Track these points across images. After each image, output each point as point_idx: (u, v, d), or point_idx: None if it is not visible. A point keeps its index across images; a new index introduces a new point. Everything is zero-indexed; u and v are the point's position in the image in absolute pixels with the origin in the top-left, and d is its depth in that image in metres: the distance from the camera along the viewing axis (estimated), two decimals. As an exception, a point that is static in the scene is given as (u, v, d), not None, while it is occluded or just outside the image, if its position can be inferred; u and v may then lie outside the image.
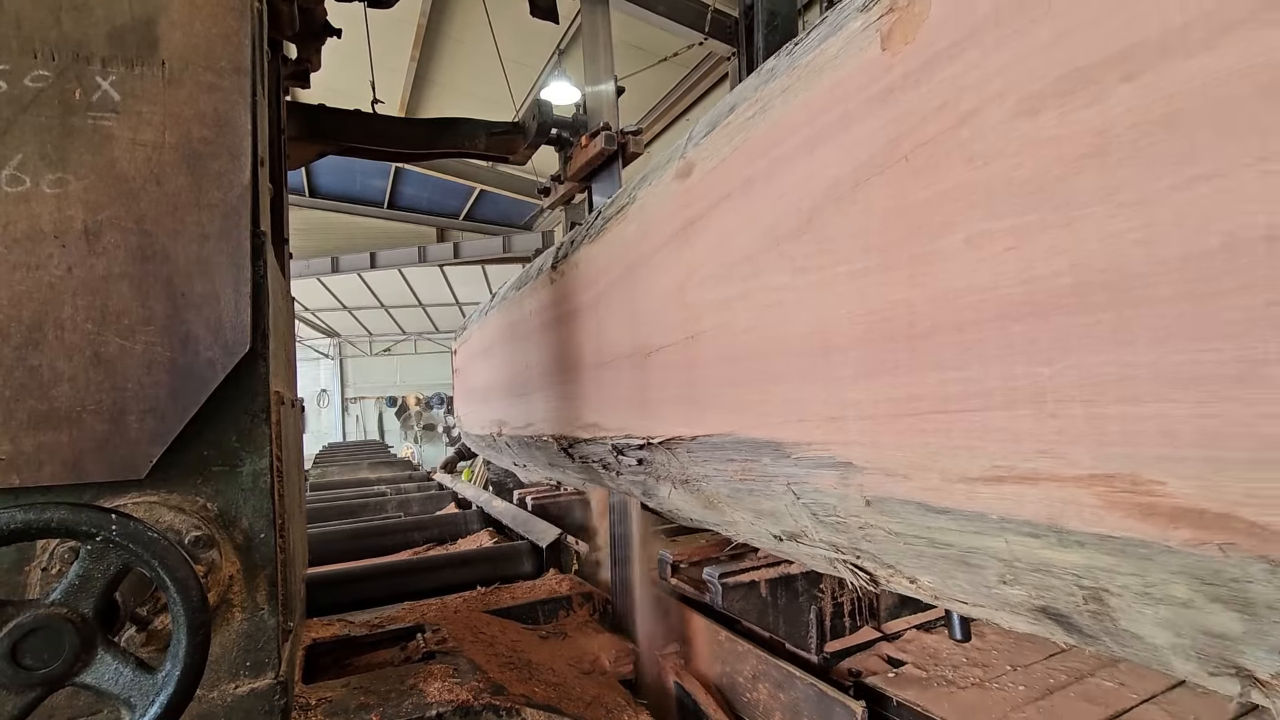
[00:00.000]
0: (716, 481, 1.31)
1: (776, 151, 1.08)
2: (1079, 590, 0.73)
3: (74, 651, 0.82)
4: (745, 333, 1.18)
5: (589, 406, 1.90)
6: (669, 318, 1.43)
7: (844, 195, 0.94)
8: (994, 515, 0.76)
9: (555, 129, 2.95)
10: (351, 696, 1.51)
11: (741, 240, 1.18)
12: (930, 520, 0.86)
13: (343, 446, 10.83)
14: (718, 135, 1.26)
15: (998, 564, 0.80)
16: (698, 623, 2.06)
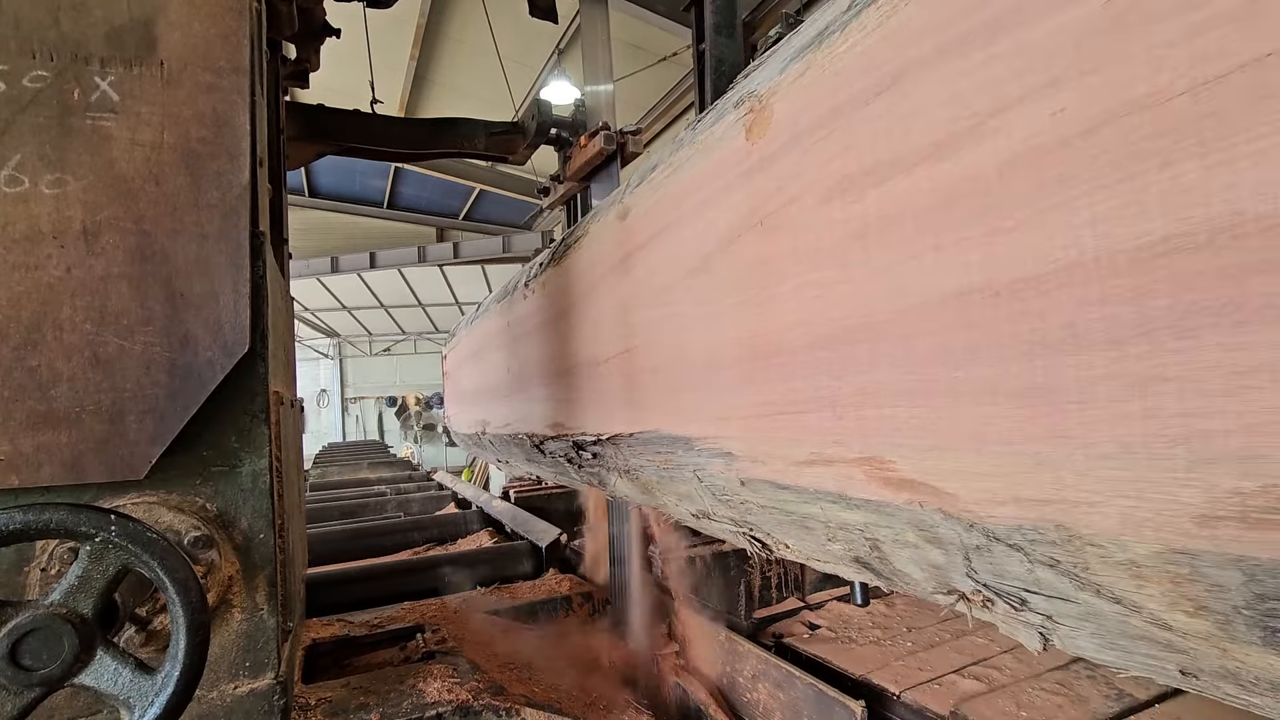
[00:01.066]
0: (649, 470, 1.58)
1: (685, 206, 1.36)
2: (865, 541, 1.01)
3: (73, 652, 0.82)
4: (666, 349, 1.46)
5: (555, 408, 2.20)
6: (614, 333, 1.71)
7: (726, 246, 1.22)
8: (811, 489, 1.05)
9: (554, 129, 2.95)
10: (351, 696, 1.51)
11: (664, 273, 1.45)
12: (779, 495, 1.13)
13: (342, 446, 10.83)
14: (645, 187, 1.55)
15: (821, 526, 1.08)
16: (697, 622, 2.06)
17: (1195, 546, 0.60)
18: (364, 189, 14.08)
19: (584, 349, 1.94)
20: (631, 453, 1.63)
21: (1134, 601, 0.69)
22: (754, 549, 1.36)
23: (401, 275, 14.08)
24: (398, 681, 1.59)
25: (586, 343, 1.91)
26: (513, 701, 1.54)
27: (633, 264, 1.60)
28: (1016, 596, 0.83)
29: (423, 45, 9.33)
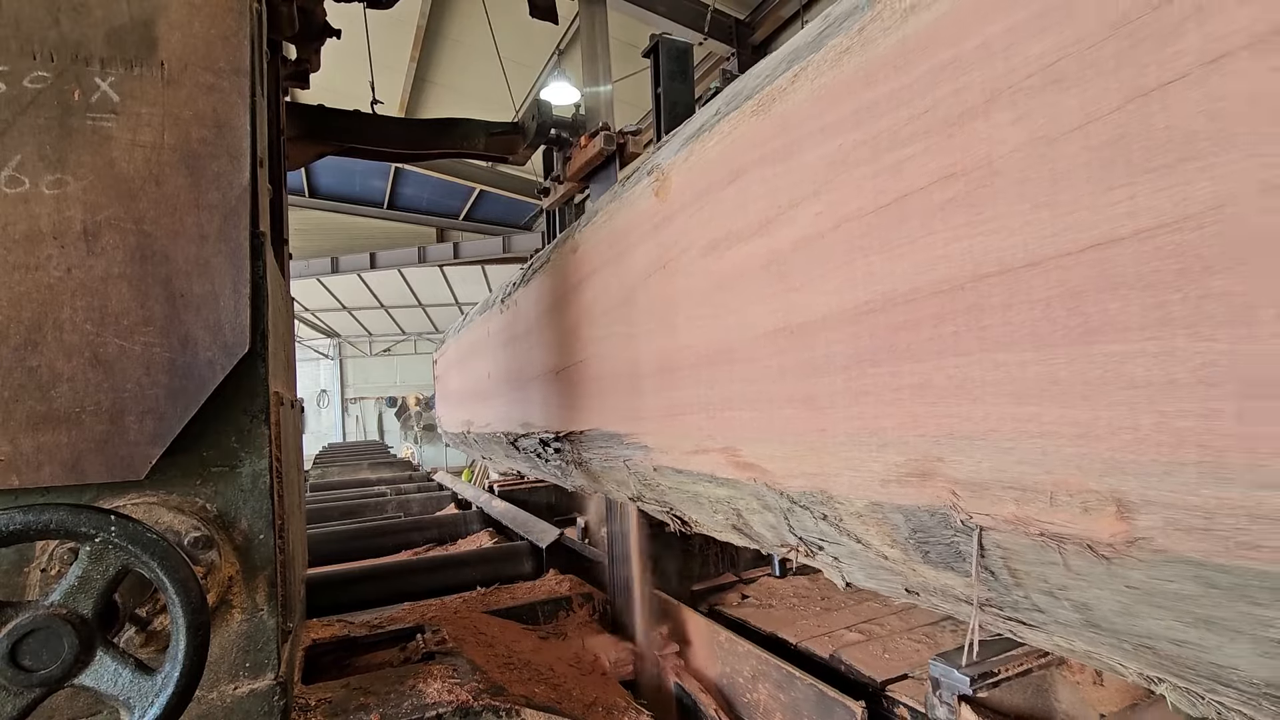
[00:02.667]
0: (594, 462, 1.90)
1: (619, 247, 1.66)
2: (732, 510, 1.32)
3: (73, 653, 0.82)
4: (605, 363, 1.77)
5: (525, 410, 2.51)
6: (570, 346, 2.03)
7: (643, 283, 1.55)
8: (696, 471, 1.38)
9: (554, 129, 2.95)
10: (351, 697, 1.51)
11: (603, 301, 1.78)
12: (678, 477, 1.46)
13: (343, 447, 10.83)
14: (589, 228, 1.90)
15: (706, 501, 1.40)
16: (697, 623, 2.06)
17: (881, 499, 0.91)
18: (364, 189, 14.07)
19: (546, 359, 2.26)
20: (582, 447, 1.98)
21: (865, 540, 0.99)
22: (675, 525, 1.67)
23: (401, 275, 14.08)
24: (398, 682, 1.59)
25: (548, 354, 2.25)
26: (512, 702, 1.54)
27: (582, 290, 1.92)
28: (817, 544, 1.15)
29: (423, 46, 9.33)
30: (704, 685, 1.97)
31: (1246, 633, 0.59)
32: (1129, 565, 0.64)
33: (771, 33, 9.54)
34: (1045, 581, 0.75)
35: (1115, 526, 0.64)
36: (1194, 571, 0.60)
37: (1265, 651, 0.58)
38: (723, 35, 8.21)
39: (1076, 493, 0.67)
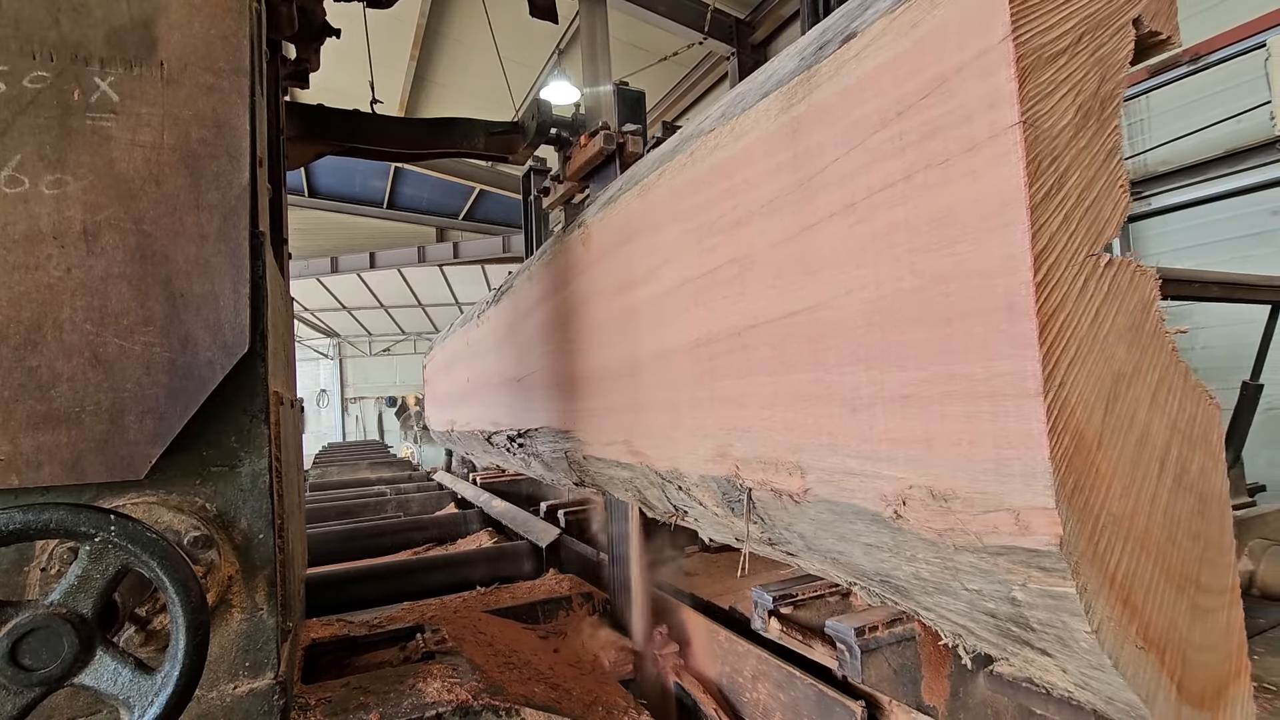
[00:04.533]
0: (546, 453, 2.29)
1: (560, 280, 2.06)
2: (635, 488, 1.67)
3: (73, 652, 0.82)
4: (551, 373, 2.17)
5: (497, 411, 2.99)
6: (526, 359, 2.48)
7: (575, 312, 1.94)
8: (609, 459, 1.71)
9: (554, 129, 2.95)
10: (351, 696, 1.51)
11: (550, 323, 2.18)
12: (600, 464, 1.80)
13: (342, 446, 10.83)
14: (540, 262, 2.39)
15: (620, 482, 1.74)
16: (698, 622, 2.06)
17: (705, 473, 1.27)
18: (364, 189, 14.07)
19: (510, 369, 2.72)
20: (537, 442, 2.38)
21: (704, 502, 1.33)
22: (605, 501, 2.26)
23: (401, 275, 14.07)
24: (397, 681, 1.59)
25: (511, 365, 2.69)
26: (512, 702, 1.54)
27: (535, 313, 2.37)
28: (684, 509, 1.50)
29: (423, 45, 9.33)
30: (704, 685, 1.97)
31: (856, 542, 0.97)
32: (806, 506, 1.03)
33: (771, 32, 9.53)
34: (781, 521, 1.12)
35: (800, 483, 1.02)
36: (828, 507, 0.98)
37: (866, 553, 0.97)
38: (723, 35, 8.21)
39: (784, 463, 1.05)
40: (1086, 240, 0.69)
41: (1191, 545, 0.75)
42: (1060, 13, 0.71)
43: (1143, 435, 0.72)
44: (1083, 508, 0.66)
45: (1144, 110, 5.65)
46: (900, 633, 1.31)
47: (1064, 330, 0.66)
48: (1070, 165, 0.69)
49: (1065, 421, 0.66)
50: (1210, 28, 4.91)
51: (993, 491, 0.70)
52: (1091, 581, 0.66)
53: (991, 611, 0.79)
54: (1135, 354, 0.72)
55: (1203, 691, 0.74)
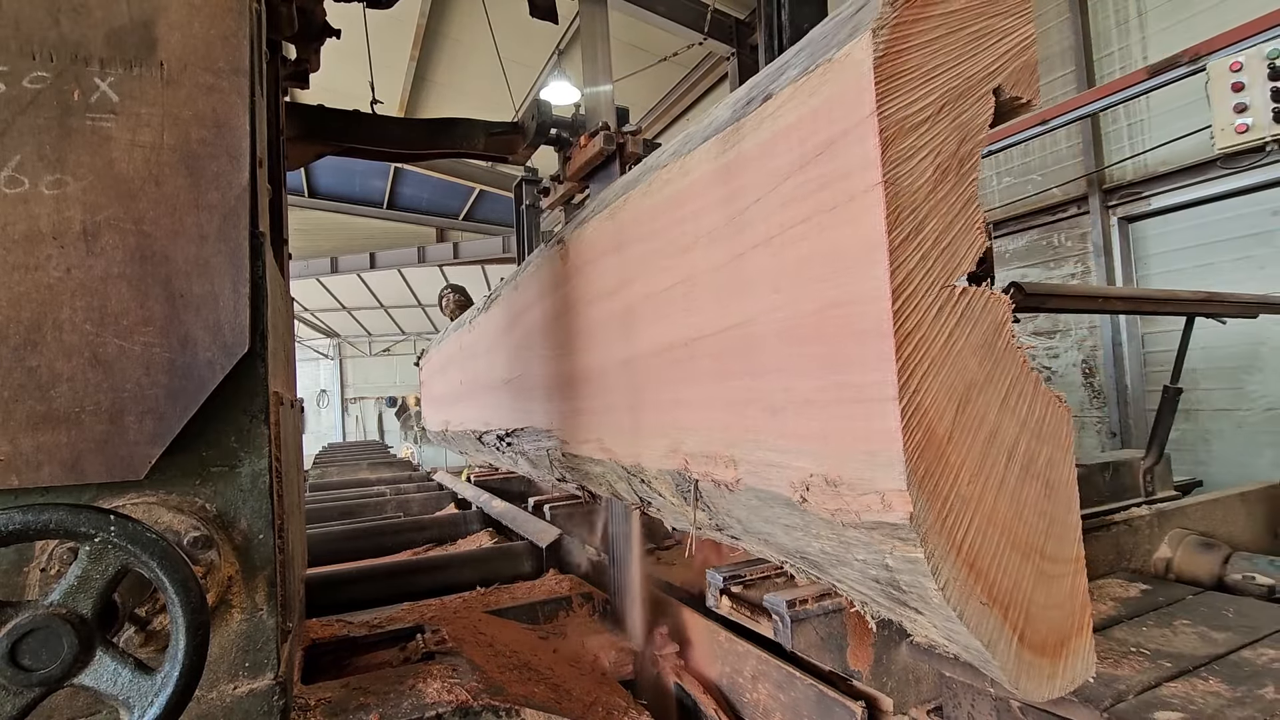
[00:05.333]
0: (531, 451, 2.45)
1: (542, 290, 2.23)
2: (607, 482, 1.82)
3: (73, 652, 0.82)
4: (536, 376, 2.33)
5: (486, 412, 3.18)
6: (513, 363, 2.64)
7: (556, 319, 2.07)
8: (585, 455, 1.85)
9: (554, 129, 2.95)
10: (351, 697, 1.51)
11: (535, 330, 2.34)
12: (577, 461, 1.94)
13: (342, 447, 10.82)
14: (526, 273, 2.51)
15: (596, 476, 1.87)
16: (698, 623, 2.06)
17: (662, 467, 1.39)
18: (364, 189, 14.07)
19: (499, 372, 2.89)
20: (523, 441, 2.53)
21: (662, 493, 1.46)
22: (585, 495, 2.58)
23: (401, 275, 14.07)
24: (397, 682, 1.59)
25: (500, 368, 2.86)
26: (512, 702, 1.54)
27: (521, 320, 2.54)
28: (648, 501, 1.62)
29: (423, 45, 9.33)
30: (704, 685, 1.97)
31: (778, 524, 1.10)
32: (739, 494, 1.14)
33: (771, 32, 9.51)
34: (722, 508, 1.25)
35: (733, 474, 1.15)
36: (755, 494, 1.10)
37: (786, 533, 1.10)
38: (723, 35, 8.20)
39: (721, 457, 1.18)
40: (943, 274, 0.83)
41: (1038, 522, 0.89)
42: (923, 88, 0.84)
43: (992, 432, 0.86)
44: (932, 490, 0.81)
45: (1144, 110, 5.65)
46: (828, 605, 1.50)
47: (919, 347, 0.81)
48: (928, 214, 0.83)
49: (919, 421, 0.80)
50: (1211, 28, 4.91)
51: (867, 477, 0.85)
52: (939, 549, 0.81)
53: (876, 578, 0.93)
54: (987, 366, 0.86)
55: (1045, 642, 0.88)
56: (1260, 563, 1.98)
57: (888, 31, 0.82)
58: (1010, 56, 0.90)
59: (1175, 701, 1.21)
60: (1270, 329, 4.99)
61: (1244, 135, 4.08)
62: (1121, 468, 3.12)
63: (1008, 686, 0.87)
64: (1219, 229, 5.34)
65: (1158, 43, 5.57)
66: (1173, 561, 2.10)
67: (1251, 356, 5.19)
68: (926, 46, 0.85)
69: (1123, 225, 5.90)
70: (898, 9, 0.82)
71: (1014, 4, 0.91)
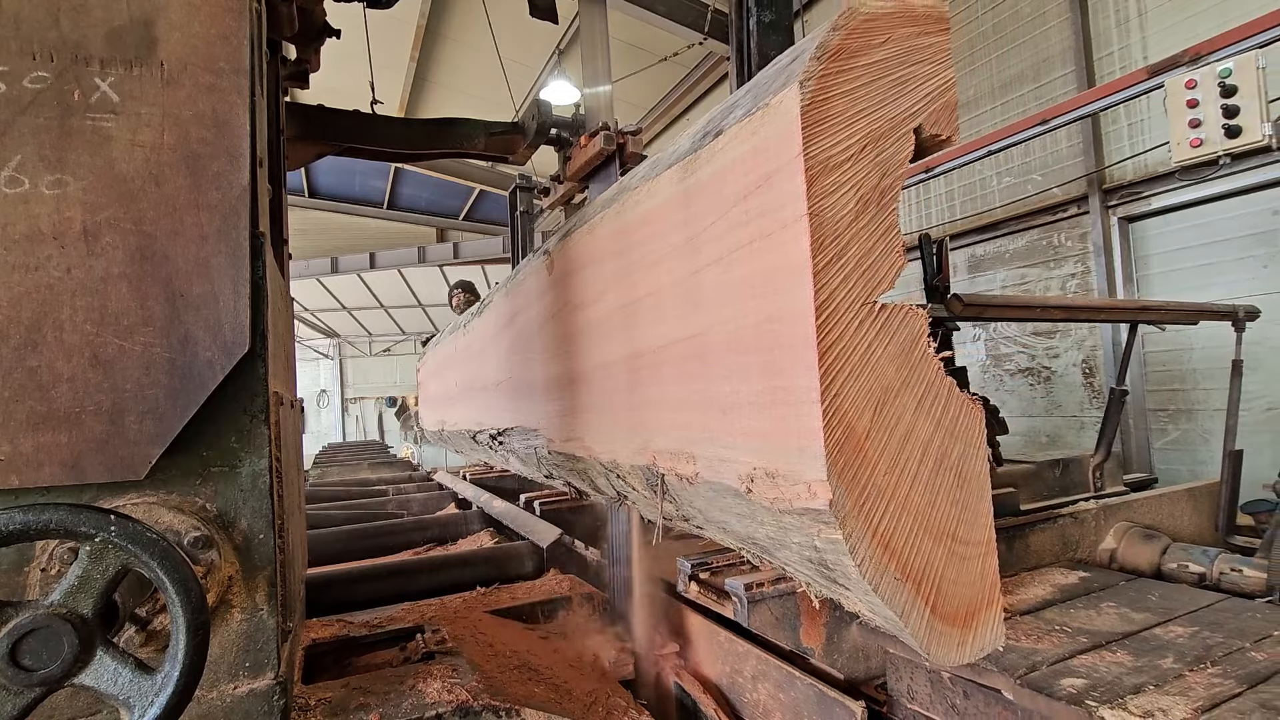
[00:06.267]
0: (520, 450, 2.63)
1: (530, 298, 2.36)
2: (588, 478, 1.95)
3: (73, 652, 0.82)
4: (524, 378, 2.45)
5: (479, 412, 3.36)
6: (504, 366, 2.80)
7: (544, 325, 2.18)
8: (568, 453, 1.95)
9: (554, 129, 2.95)
10: (351, 697, 1.51)
11: (523, 335, 2.46)
12: (561, 458, 2.08)
13: (343, 447, 10.82)
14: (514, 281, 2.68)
15: (578, 472, 2.01)
16: (698, 623, 2.06)
17: (634, 463, 1.50)
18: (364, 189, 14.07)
19: (490, 375, 3.07)
20: (513, 440, 2.68)
21: (635, 487, 1.58)
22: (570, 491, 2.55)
23: (401, 275, 14.07)
24: (397, 682, 1.59)
25: (491, 371, 3.04)
26: (512, 702, 1.54)
27: (510, 326, 2.66)
28: (624, 495, 1.75)
29: (423, 45, 9.33)
30: (704, 685, 1.97)
31: (730, 513, 1.20)
32: (698, 486, 1.25)
33: (771, 32, 9.51)
34: (685, 499, 1.36)
35: (693, 469, 1.25)
36: (710, 487, 1.21)
37: (738, 521, 1.19)
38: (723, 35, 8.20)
39: (683, 454, 1.29)
40: (864, 292, 0.94)
41: (951, 509, 0.98)
42: (846, 130, 0.94)
43: (908, 431, 0.96)
44: (851, 480, 0.91)
45: (1144, 110, 5.65)
46: (782, 588, 1.65)
47: (840, 357, 0.91)
48: (850, 240, 0.93)
49: (839, 420, 0.90)
50: (1211, 28, 4.91)
51: (798, 469, 0.95)
52: (856, 531, 0.91)
53: (810, 558, 1.03)
54: (904, 373, 0.96)
55: (955, 614, 0.98)
56: (1194, 553, 2.13)
57: (814, 83, 0.92)
58: (931, 99, 1.00)
59: (1081, 670, 1.35)
60: (1270, 329, 4.99)
61: (1198, 149, 4.31)
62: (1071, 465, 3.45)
63: (920, 651, 0.96)
64: (1219, 229, 5.34)
65: (1158, 43, 5.56)
66: (1117, 552, 2.25)
67: (1251, 356, 5.19)
68: (851, 94, 0.95)
69: (1123, 225, 5.90)
70: (823, 62, 0.92)
71: (934, 52, 1.01)
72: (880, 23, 0.97)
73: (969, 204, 7.13)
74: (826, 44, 0.93)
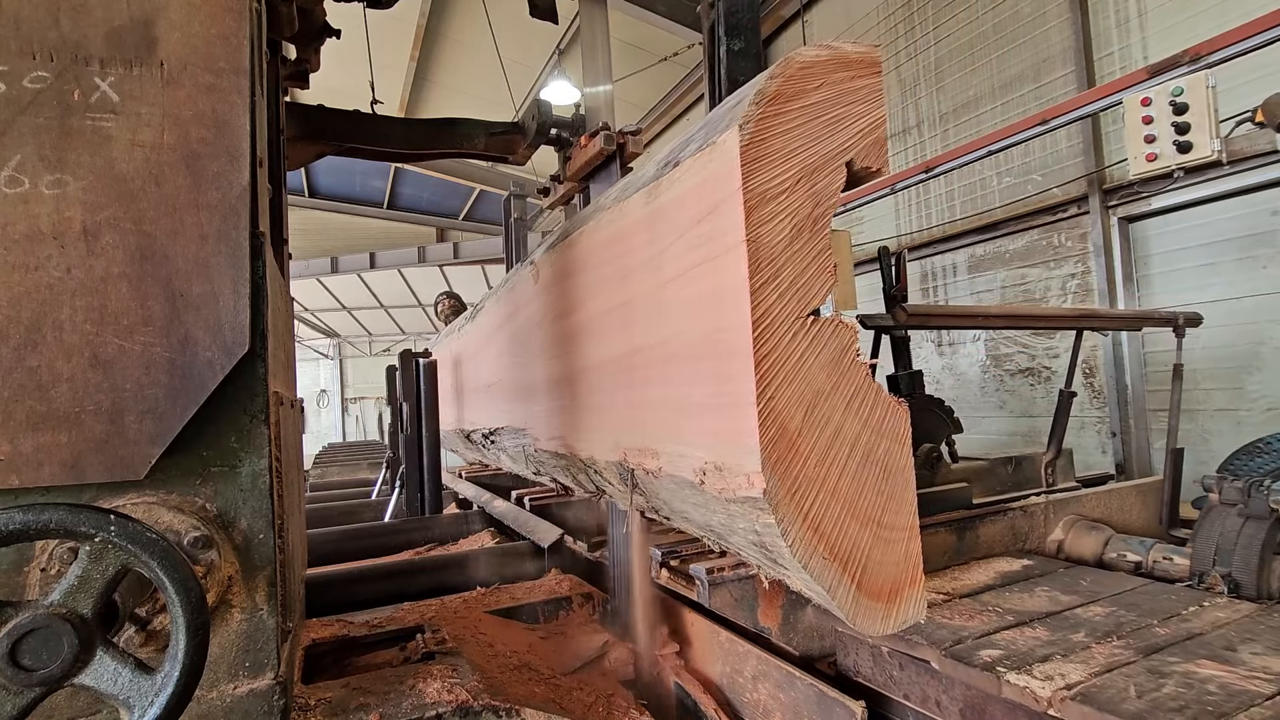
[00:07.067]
0: (510, 448, 2.79)
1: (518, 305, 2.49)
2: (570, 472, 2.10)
3: (73, 652, 0.82)
4: (513, 381, 2.58)
5: (473, 413, 3.57)
6: (494, 369, 2.97)
7: (532, 331, 2.28)
8: (552, 451, 2.10)
9: (555, 129, 2.95)
10: (351, 697, 1.51)
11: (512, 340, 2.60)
12: (546, 455, 2.20)
13: (343, 447, 10.81)
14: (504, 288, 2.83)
15: (561, 468, 2.13)
16: (698, 623, 2.06)
17: (609, 459, 1.61)
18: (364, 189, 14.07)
19: (482, 378, 3.27)
20: (503, 439, 2.83)
21: (611, 481, 1.71)
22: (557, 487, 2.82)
23: (401, 275, 14.07)
24: (397, 682, 1.59)
25: (483, 374, 3.25)
26: (513, 701, 1.54)
27: (501, 331, 2.79)
28: (601, 489, 1.91)
29: (423, 45, 9.33)
30: (704, 685, 1.97)
31: (689, 503, 1.31)
32: (662, 480, 1.35)
33: (772, 32, 9.53)
34: (652, 492, 1.46)
35: (657, 464, 1.36)
36: (672, 480, 1.31)
37: (696, 511, 1.30)
38: (723, 35, 8.20)
39: (649, 450, 1.39)
40: (797, 308, 1.04)
41: (876, 498, 1.08)
42: (782, 166, 1.04)
43: (837, 429, 1.06)
44: (784, 471, 1.01)
45: (1144, 110, 5.64)
46: (741, 573, 1.76)
47: (775, 365, 1.01)
48: (785, 263, 1.04)
49: (773, 420, 1.01)
50: (1211, 28, 4.91)
51: (740, 463, 1.05)
52: (788, 516, 1.02)
53: (754, 542, 1.13)
54: (834, 378, 1.06)
55: (880, 590, 1.08)
56: (1132, 543, 2.28)
57: (752, 125, 1.02)
58: (862, 135, 1.09)
59: (1001, 644, 1.51)
60: (1270, 329, 4.99)
61: (1153, 163, 4.58)
62: (1024, 462, 3.65)
63: (846, 622, 1.07)
64: (1220, 229, 5.34)
65: (1158, 43, 5.56)
66: (1064, 543, 2.41)
67: (1251, 356, 5.19)
68: (787, 133, 1.04)
69: (1123, 225, 5.90)
70: (761, 107, 1.03)
71: (867, 93, 1.10)
72: (815, 69, 1.06)
73: (969, 204, 7.13)
74: (764, 90, 1.03)
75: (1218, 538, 1.97)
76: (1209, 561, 1.96)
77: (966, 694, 1.41)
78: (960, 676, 1.41)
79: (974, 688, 1.39)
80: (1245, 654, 1.42)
